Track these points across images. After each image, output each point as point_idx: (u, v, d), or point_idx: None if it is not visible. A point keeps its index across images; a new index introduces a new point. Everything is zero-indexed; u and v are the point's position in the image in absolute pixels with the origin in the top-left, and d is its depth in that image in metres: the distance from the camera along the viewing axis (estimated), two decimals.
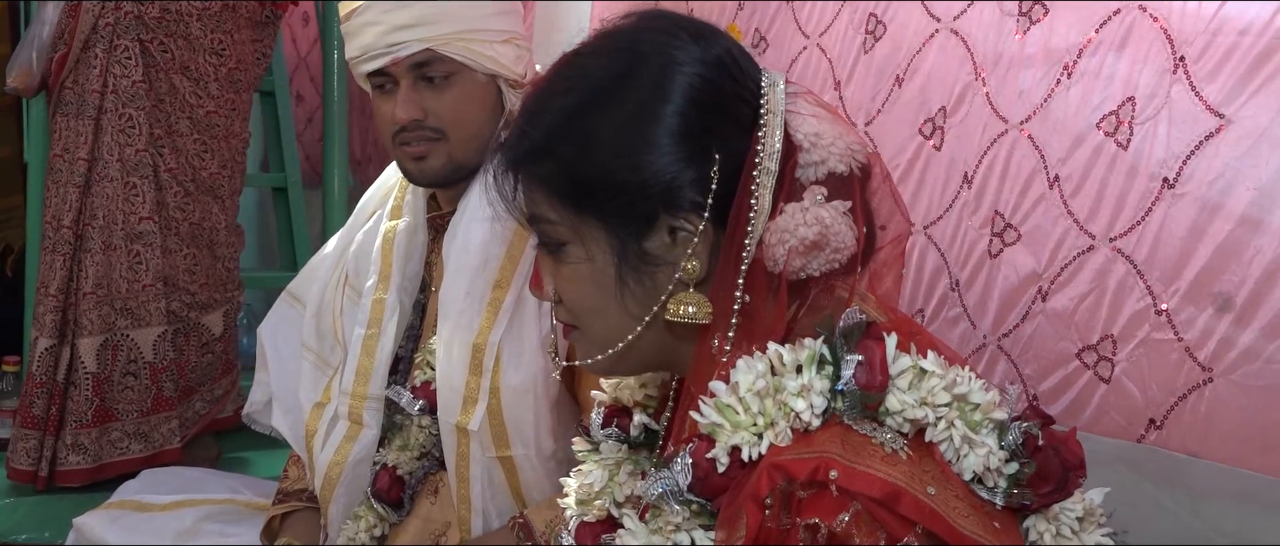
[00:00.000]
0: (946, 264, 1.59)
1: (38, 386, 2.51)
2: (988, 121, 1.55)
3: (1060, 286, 1.46)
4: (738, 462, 0.92)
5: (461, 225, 1.68)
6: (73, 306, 2.53)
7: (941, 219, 1.60)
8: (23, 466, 2.53)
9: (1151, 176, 1.39)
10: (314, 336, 1.87)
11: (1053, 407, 1.47)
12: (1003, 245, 1.52)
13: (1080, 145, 1.45)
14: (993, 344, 1.53)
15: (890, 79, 1.69)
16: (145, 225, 2.57)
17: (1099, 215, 1.43)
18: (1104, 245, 1.42)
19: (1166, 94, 1.38)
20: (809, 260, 0.97)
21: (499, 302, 1.63)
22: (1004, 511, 0.93)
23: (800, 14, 1.87)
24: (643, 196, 0.99)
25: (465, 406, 1.62)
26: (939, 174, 1.62)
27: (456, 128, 1.64)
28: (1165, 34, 1.39)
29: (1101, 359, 1.42)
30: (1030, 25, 1.51)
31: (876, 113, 1.70)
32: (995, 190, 1.54)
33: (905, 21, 1.68)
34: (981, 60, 1.56)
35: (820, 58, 1.83)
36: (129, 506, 2.08)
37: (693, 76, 1.00)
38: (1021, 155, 1.51)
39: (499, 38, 1.65)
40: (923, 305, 1.62)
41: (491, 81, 1.66)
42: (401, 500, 1.73)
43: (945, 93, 1.61)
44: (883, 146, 1.69)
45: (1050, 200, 1.48)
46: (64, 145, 2.54)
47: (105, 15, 2.50)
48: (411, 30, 1.61)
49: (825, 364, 0.93)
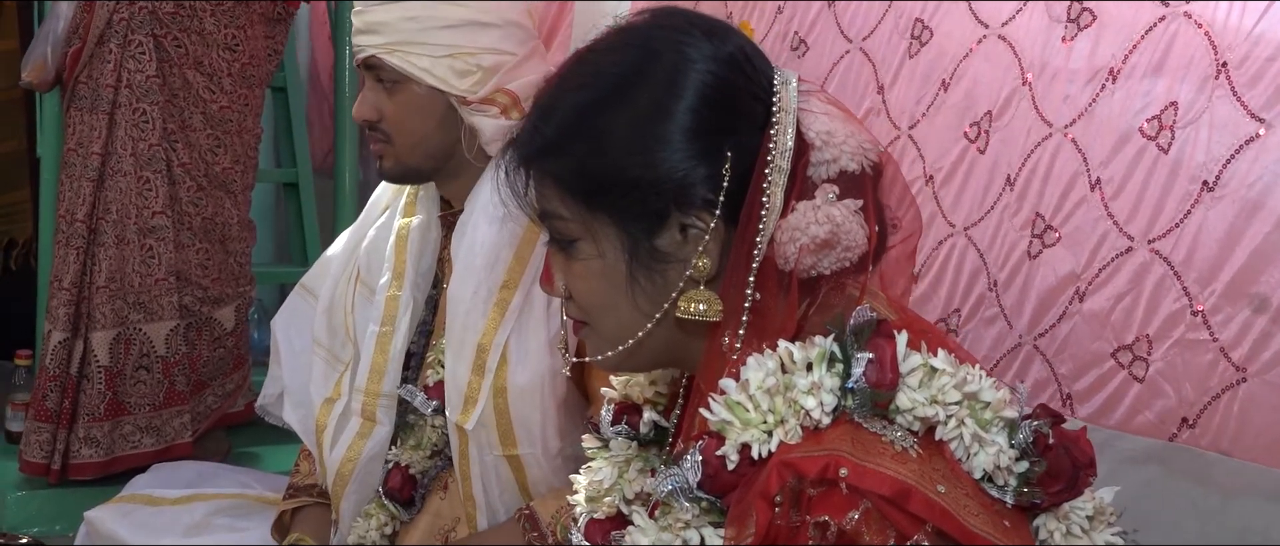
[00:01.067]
0: (985, 265, 1.60)
1: (51, 379, 2.52)
2: (1032, 125, 1.56)
3: (1098, 287, 1.47)
4: (747, 460, 0.92)
5: (469, 224, 1.68)
6: (86, 300, 2.54)
7: (982, 220, 1.62)
8: (35, 459, 2.54)
9: (1192, 179, 1.40)
10: (325, 332, 1.87)
11: (1086, 406, 1.48)
12: (1043, 246, 1.53)
13: (1122, 148, 1.47)
14: (1029, 343, 1.54)
15: (936, 84, 1.69)
16: (158, 219, 2.58)
17: (1138, 217, 1.45)
18: (1142, 246, 1.43)
19: (1209, 99, 1.39)
20: (820, 258, 0.98)
21: (506, 303, 1.64)
22: (1014, 510, 0.93)
23: (842, 17, 1.87)
24: (655, 193, 0.99)
25: (465, 406, 1.63)
26: (982, 177, 1.63)
27: (398, 134, 1.68)
28: (1209, 40, 1.40)
29: (1136, 358, 1.43)
30: (1078, 31, 1.51)
31: (920, 117, 1.71)
32: (1037, 193, 1.55)
33: (951, 28, 1.69)
34: (1028, 65, 1.57)
35: (863, 62, 1.83)
36: (140, 500, 2.09)
37: (705, 74, 1.00)
38: (1065, 158, 1.52)
39: (441, 53, 1.65)
40: (959, 305, 1.63)
41: (437, 94, 1.66)
42: (413, 499, 1.73)
43: (991, 97, 1.62)
44: (926, 150, 1.70)
45: (1091, 202, 1.49)
46: (78, 139, 2.55)
47: (120, 10, 2.51)
48: (364, 35, 1.67)
49: (835, 362, 0.93)
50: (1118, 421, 1.44)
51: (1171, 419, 1.40)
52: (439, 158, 1.69)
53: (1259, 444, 1.32)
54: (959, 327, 1.63)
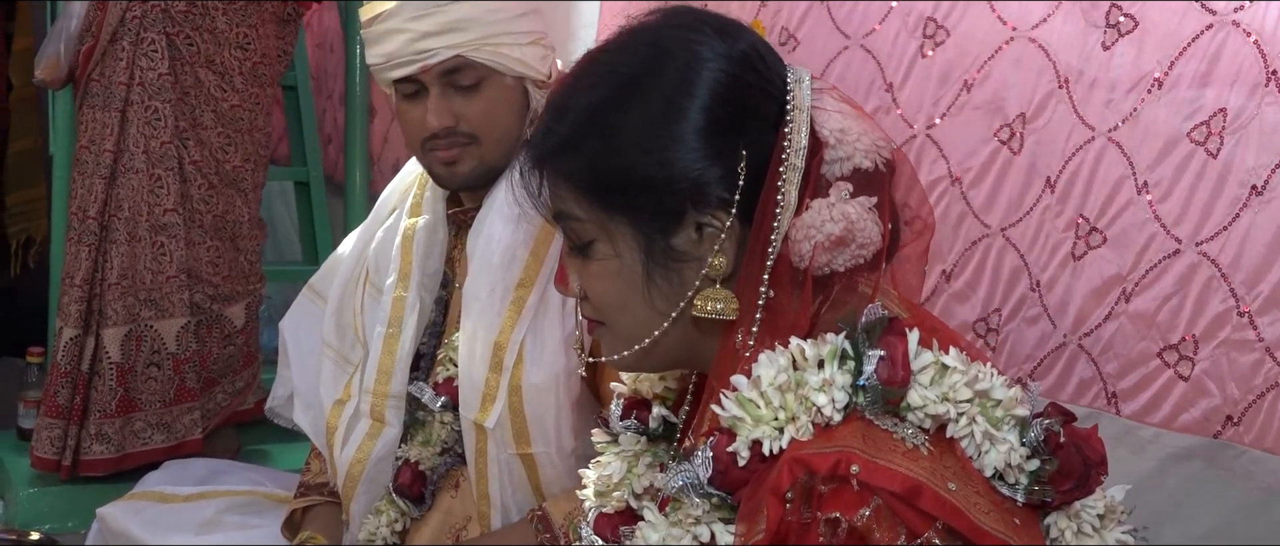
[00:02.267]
0: (1026, 265, 1.61)
1: (62, 376, 2.53)
2: (1073, 129, 1.57)
3: (1144, 288, 1.48)
4: (758, 456, 0.92)
5: (486, 222, 1.68)
6: (98, 297, 2.55)
7: (1021, 221, 1.62)
8: (47, 455, 2.55)
9: (1240, 184, 1.41)
10: (334, 333, 1.87)
11: (1131, 404, 1.49)
12: (1088, 247, 1.54)
13: (1170, 154, 1.48)
14: (1073, 343, 1.55)
15: (956, 84, 1.70)
16: (170, 217, 2.59)
17: (1186, 220, 1.46)
18: (1190, 249, 1.44)
19: (1259, 106, 1.40)
20: (834, 256, 0.98)
21: (522, 301, 1.64)
22: (1025, 508, 0.93)
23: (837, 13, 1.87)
24: (670, 193, 0.99)
25: (484, 404, 1.63)
26: (1017, 178, 1.64)
27: (488, 132, 1.65)
28: (1258, 49, 1.41)
29: (1182, 358, 1.44)
30: (1118, 37, 1.52)
31: (941, 116, 1.72)
32: (1080, 195, 1.56)
33: (971, 29, 1.69)
34: (1065, 69, 1.57)
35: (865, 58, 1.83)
36: (151, 497, 2.10)
37: (718, 72, 1.00)
38: (1109, 162, 1.54)
39: (525, 40, 1.66)
40: (1000, 305, 1.64)
41: (519, 84, 1.67)
42: (423, 495, 1.73)
43: (1024, 100, 1.62)
44: (949, 150, 1.71)
45: (1138, 205, 1.50)
46: (90, 137, 2.56)
47: (132, 9, 2.52)
48: (440, 37, 1.61)
49: (847, 359, 0.93)
50: (1162, 419, 1.46)
51: (1216, 417, 1.41)
52: (514, 152, 1.64)
53: None
54: (1000, 326, 1.64)
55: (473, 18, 1.61)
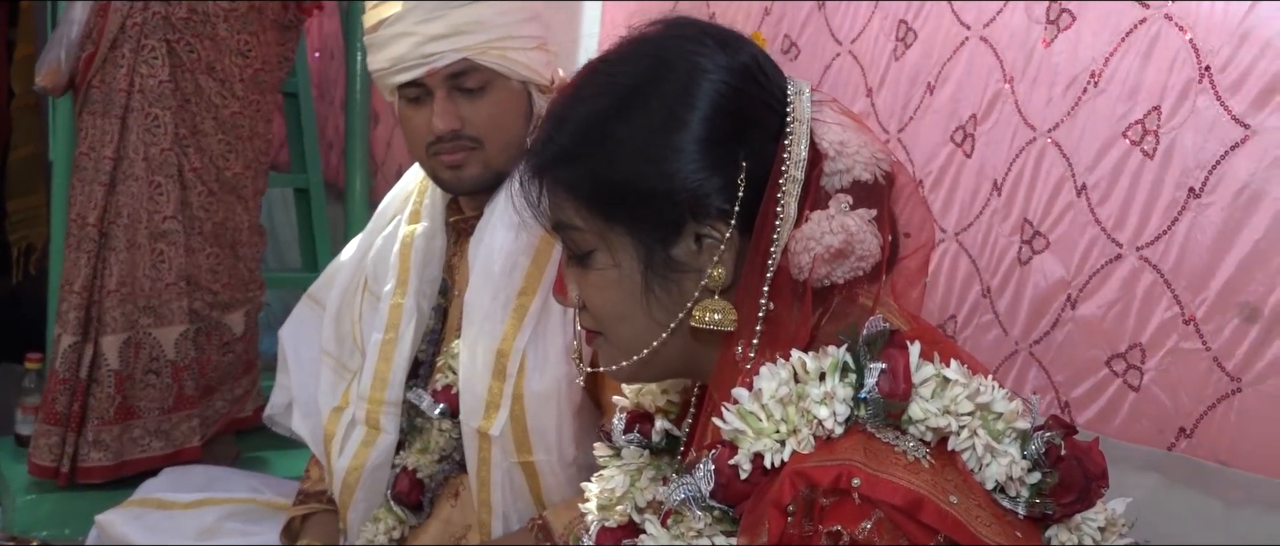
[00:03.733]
0: (978, 271, 1.60)
1: (61, 383, 2.53)
2: (1017, 129, 1.56)
3: (1089, 294, 1.46)
4: (760, 469, 0.92)
5: (488, 230, 1.68)
6: (97, 304, 2.55)
7: (972, 226, 1.61)
8: (45, 462, 2.55)
9: (1178, 185, 1.39)
10: (333, 340, 1.87)
11: (1083, 414, 1.48)
12: (1032, 252, 1.53)
13: (1107, 153, 1.46)
14: (1025, 350, 1.54)
15: (922, 86, 1.69)
16: (169, 224, 2.59)
17: (1126, 223, 1.44)
18: (1131, 254, 1.43)
19: (1192, 103, 1.38)
20: (834, 268, 0.98)
21: (524, 308, 1.64)
22: (1026, 521, 0.93)
23: (833, 19, 1.87)
24: (669, 203, 0.99)
25: (487, 412, 1.63)
26: (970, 181, 1.62)
27: (493, 136, 1.65)
28: (1191, 43, 1.38)
29: (1130, 367, 1.42)
30: (1057, 32, 1.51)
31: (908, 120, 1.71)
32: (1024, 198, 1.54)
33: (935, 29, 1.68)
34: (1010, 67, 1.56)
35: (852, 64, 1.82)
36: (151, 504, 2.10)
37: (719, 84, 1.00)
38: (1050, 163, 1.51)
39: (530, 44, 1.66)
40: (955, 311, 1.63)
41: (523, 88, 1.67)
42: (421, 503, 1.73)
43: (976, 100, 1.61)
44: (914, 153, 1.70)
45: (1078, 208, 1.48)
46: (90, 143, 2.56)
47: (133, 15, 2.52)
48: (447, 40, 1.61)
49: (848, 371, 0.93)
50: (1115, 430, 1.45)
51: (1169, 428, 1.40)
52: (519, 156, 1.66)
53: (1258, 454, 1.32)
54: (956, 333, 1.63)
55: (479, 21, 1.62)
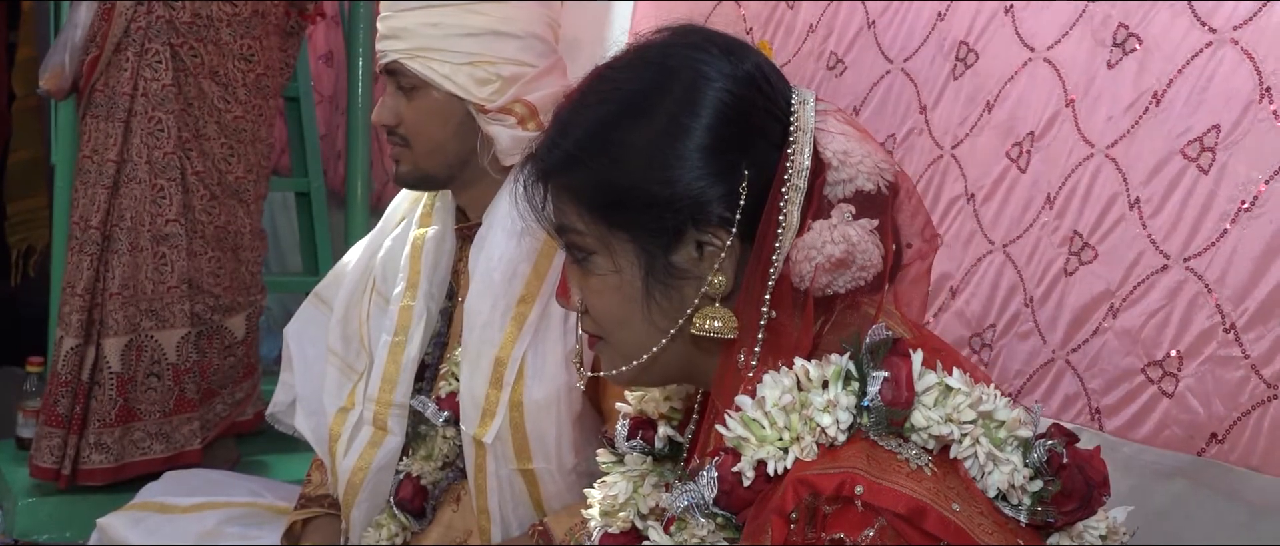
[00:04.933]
0: (1022, 281, 1.62)
1: (62, 385, 2.53)
2: (1074, 146, 1.59)
3: (1131, 303, 1.49)
4: (763, 477, 0.93)
5: (488, 238, 1.69)
6: (99, 307, 2.55)
7: (1021, 238, 1.64)
8: (46, 464, 2.55)
9: (1229, 200, 1.42)
10: (339, 341, 1.87)
11: (1115, 420, 1.49)
12: (1079, 263, 1.55)
13: (1162, 169, 1.49)
14: (1061, 358, 1.55)
15: (980, 105, 1.72)
16: (171, 227, 2.59)
17: (1175, 236, 1.47)
18: (1178, 264, 1.45)
19: (1251, 122, 1.40)
20: (835, 277, 0.98)
21: (523, 317, 1.64)
22: (1028, 529, 0.93)
23: (883, 38, 1.89)
24: (671, 210, 1.00)
25: (483, 419, 1.63)
26: (1023, 195, 1.66)
27: (416, 138, 1.70)
28: (1253, 65, 1.41)
29: (1166, 374, 1.44)
30: (1123, 56, 1.54)
31: (964, 136, 1.73)
32: (1076, 211, 1.57)
33: (997, 51, 1.72)
34: (1073, 87, 1.59)
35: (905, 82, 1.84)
36: (152, 508, 2.10)
37: (723, 92, 1.00)
38: (1105, 178, 1.55)
39: (462, 60, 1.66)
40: (995, 320, 1.65)
41: (455, 101, 1.68)
42: (424, 509, 1.73)
43: (1035, 118, 1.65)
44: (968, 169, 1.73)
45: (1130, 221, 1.51)
46: (93, 147, 2.57)
47: (137, 19, 2.53)
48: (387, 40, 1.69)
49: (851, 379, 0.94)
50: (1146, 435, 1.46)
51: (1200, 434, 1.41)
52: (454, 165, 1.71)
53: None
54: (994, 342, 1.65)
55: (408, 28, 1.67)
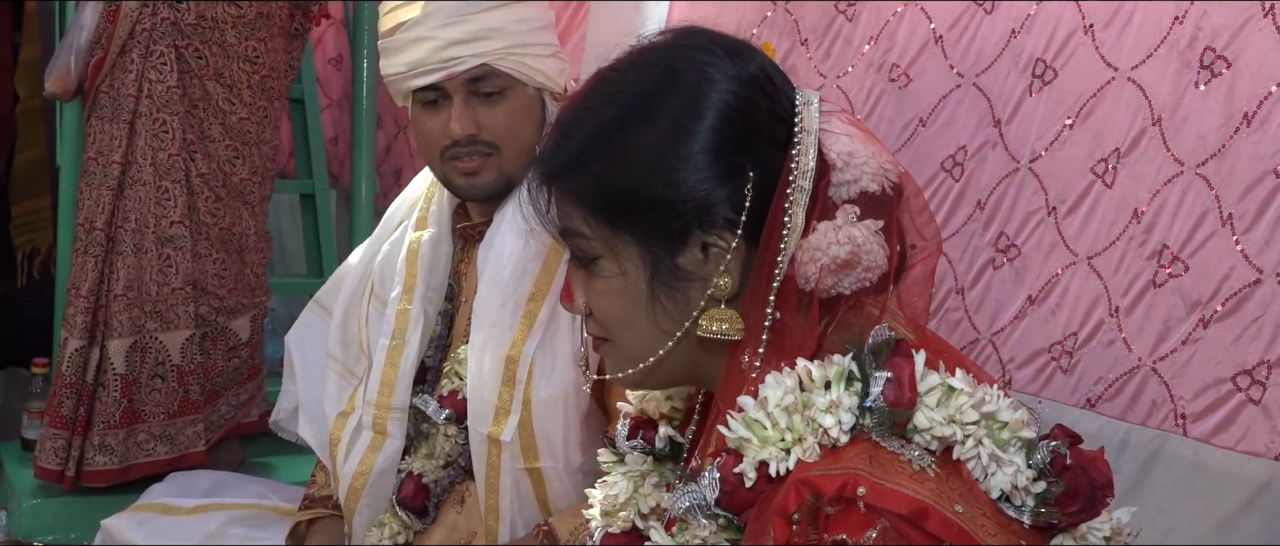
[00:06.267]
0: (1107, 291, 1.66)
1: (67, 386, 2.53)
2: (1162, 164, 1.63)
3: (1222, 316, 1.52)
4: (765, 477, 0.93)
5: (498, 236, 1.69)
6: (103, 308, 2.55)
7: (1107, 251, 1.68)
8: (51, 466, 2.55)
9: None
10: (339, 346, 1.88)
11: (1199, 425, 1.52)
12: (1169, 276, 1.58)
13: (1254, 188, 1.52)
14: (1147, 366, 1.58)
15: (1059, 121, 1.77)
16: (176, 229, 2.59)
17: (1268, 252, 1.49)
18: (1271, 279, 1.47)
19: None
20: (840, 278, 0.98)
21: (533, 315, 1.64)
22: (1031, 530, 0.93)
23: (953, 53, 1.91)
24: (676, 212, 1.00)
25: (497, 417, 1.63)
26: (1108, 210, 1.69)
27: (509, 142, 1.66)
28: None
29: (1255, 383, 1.46)
30: (1211, 78, 1.57)
31: (1042, 151, 1.78)
32: (1165, 227, 1.61)
33: (1077, 69, 1.75)
34: (1159, 107, 1.63)
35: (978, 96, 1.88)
36: (156, 509, 2.10)
37: (727, 93, 1.01)
38: (1195, 195, 1.58)
39: (546, 51, 1.69)
40: (1077, 329, 1.70)
41: (539, 94, 1.69)
42: (426, 508, 1.73)
43: (1120, 136, 1.68)
44: (1048, 183, 1.77)
45: (1221, 236, 1.54)
46: (98, 148, 2.57)
47: (143, 20, 2.53)
48: (467, 45, 1.63)
49: (854, 380, 0.94)
50: (1230, 442, 1.48)
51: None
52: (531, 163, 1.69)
53: None
54: (1075, 350, 1.67)
55: (499, 27, 1.64)
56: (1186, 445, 1.52)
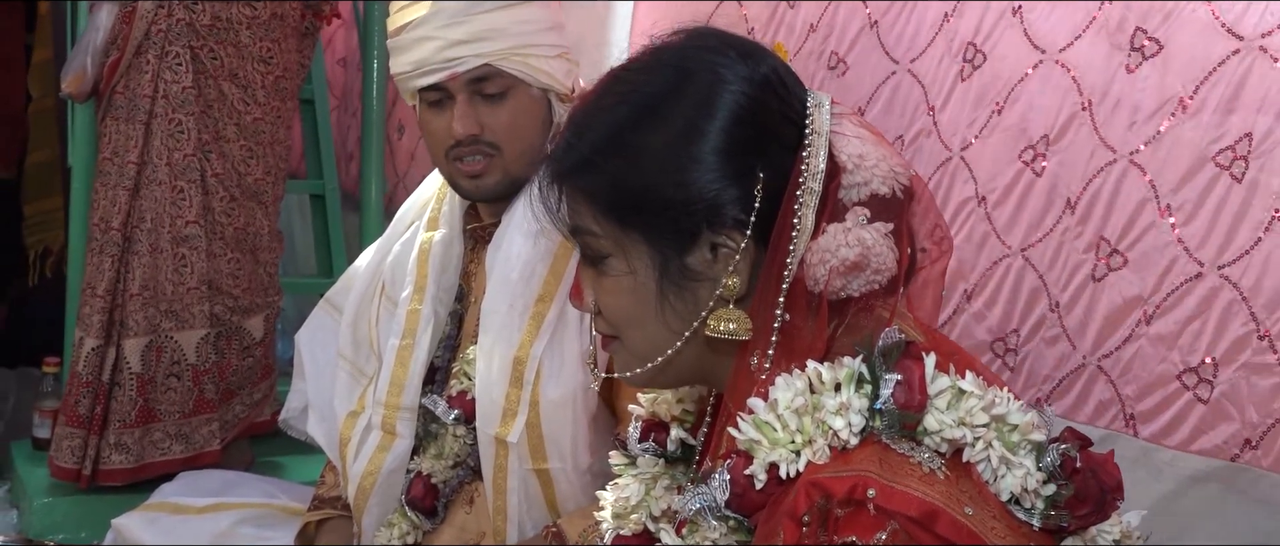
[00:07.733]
0: (1046, 286, 1.62)
1: (83, 386, 2.55)
2: (1095, 150, 1.59)
3: (1165, 310, 1.49)
4: (775, 479, 0.93)
5: (506, 237, 1.69)
6: (119, 307, 2.57)
7: (1041, 242, 1.64)
8: (67, 464, 2.56)
9: (1265, 208, 1.42)
10: (350, 345, 1.88)
11: (1149, 426, 1.50)
12: (1108, 269, 1.55)
13: (1194, 177, 1.49)
14: (1093, 364, 1.56)
15: (989, 106, 1.72)
16: (191, 229, 2.61)
17: (1209, 243, 1.47)
18: (1212, 272, 1.45)
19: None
20: (849, 280, 0.98)
21: (542, 316, 1.65)
22: (1041, 533, 0.93)
23: (887, 38, 1.89)
24: (686, 212, 1.00)
25: (505, 418, 1.64)
26: (1039, 199, 1.65)
27: (512, 142, 1.66)
28: None
29: (1202, 381, 1.45)
30: (1142, 60, 1.53)
31: (973, 139, 1.74)
32: (1101, 217, 1.57)
33: (1006, 52, 1.71)
34: (1088, 91, 1.58)
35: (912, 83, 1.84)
36: (166, 508, 2.11)
37: (739, 95, 1.01)
38: (1131, 184, 1.54)
39: (552, 53, 1.68)
40: (1018, 325, 1.65)
41: (543, 96, 1.69)
42: (435, 508, 1.74)
43: (1048, 121, 1.64)
44: (978, 171, 1.73)
45: (1161, 228, 1.51)
46: (113, 149, 2.58)
47: (158, 21, 2.55)
48: (470, 45, 1.63)
49: (864, 383, 0.94)
50: (1180, 442, 1.47)
51: (1234, 440, 1.42)
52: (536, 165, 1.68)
53: None
54: (1018, 347, 1.65)
55: (502, 27, 1.64)
56: (1136, 446, 1.50)
